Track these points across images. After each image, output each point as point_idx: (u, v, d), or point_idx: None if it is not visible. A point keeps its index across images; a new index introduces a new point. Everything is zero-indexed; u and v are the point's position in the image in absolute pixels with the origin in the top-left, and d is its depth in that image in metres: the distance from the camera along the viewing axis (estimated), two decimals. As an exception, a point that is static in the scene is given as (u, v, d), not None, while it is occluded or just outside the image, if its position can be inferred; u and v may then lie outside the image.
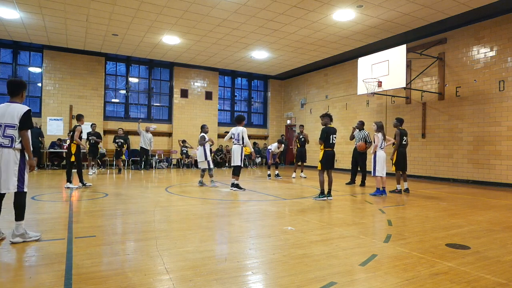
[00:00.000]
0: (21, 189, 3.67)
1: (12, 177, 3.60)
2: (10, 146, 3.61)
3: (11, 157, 3.62)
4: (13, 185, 3.62)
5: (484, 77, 9.96)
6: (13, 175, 3.61)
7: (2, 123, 3.62)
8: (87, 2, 9.19)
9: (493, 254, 3.50)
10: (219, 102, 17.65)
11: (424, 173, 11.47)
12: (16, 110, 3.66)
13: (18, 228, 3.62)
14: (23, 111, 3.67)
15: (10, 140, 3.61)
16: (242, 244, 3.78)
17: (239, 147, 8.11)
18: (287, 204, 6.44)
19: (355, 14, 9.66)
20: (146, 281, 2.68)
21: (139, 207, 5.85)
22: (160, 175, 11.85)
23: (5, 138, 3.60)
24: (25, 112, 3.67)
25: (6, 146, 3.60)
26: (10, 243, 3.57)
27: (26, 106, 3.74)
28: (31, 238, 3.67)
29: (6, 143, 3.60)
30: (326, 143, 6.84)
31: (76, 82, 14.13)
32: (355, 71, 12.60)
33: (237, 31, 11.27)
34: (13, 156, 3.63)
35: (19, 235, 3.61)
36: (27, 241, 3.62)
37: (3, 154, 3.60)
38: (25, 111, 3.68)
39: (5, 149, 3.60)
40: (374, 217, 5.46)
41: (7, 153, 3.61)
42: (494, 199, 7.37)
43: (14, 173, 3.62)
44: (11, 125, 3.62)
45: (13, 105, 3.70)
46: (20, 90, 3.81)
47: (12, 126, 3.62)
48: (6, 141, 3.60)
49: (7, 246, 3.53)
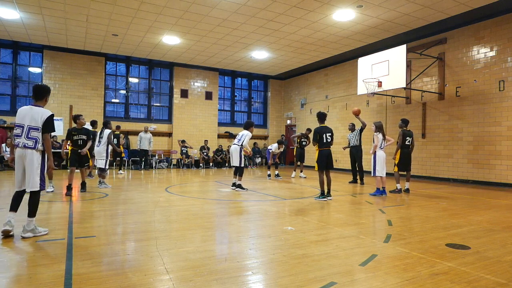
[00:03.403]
0: (43, 187, 3.94)
1: (36, 177, 3.83)
2: (34, 147, 3.82)
3: (35, 158, 3.83)
4: (37, 184, 3.86)
5: (484, 77, 9.96)
6: (36, 174, 3.84)
7: (24, 124, 3.82)
8: (87, 2, 9.19)
9: (493, 254, 3.49)
10: (219, 102, 17.65)
11: (424, 173, 11.46)
12: (40, 113, 3.86)
13: (30, 224, 3.83)
14: (47, 115, 3.88)
15: (34, 142, 3.82)
16: (242, 244, 3.78)
17: (238, 147, 8.11)
18: (287, 204, 6.43)
19: (355, 14, 9.66)
20: (146, 281, 2.68)
21: (139, 207, 5.85)
22: (160, 175, 11.85)
23: (29, 140, 3.81)
24: (49, 116, 3.88)
25: (30, 147, 3.81)
26: (21, 237, 3.76)
27: (49, 111, 3.96)
28: (41, 233, 3.89)
29: (30, 145, 3.81)
30: (320, 143, 6.84)
31: (76, 82, 14.13)
32: (355, 71, 12.60)
33: (237, 31, 11.27)
34: (36, 157, 3.84)
35: (30, 230, 3.82)
36: (37, 235, 3.84)
37: (27, 155, 3.81)
38: (49, 115, 3.89)
39: (29, 150, 3.82)
40: (374, 217, 5.46)
41: (31, 154, 3.81)
42: (494, 199, 7.37)
43: (37, 172, 3.85)
44: (35, 128, 3.83)
45: (36, 109, 3.89)
46: (44, 95, 4.02)
47: (36, 128, 3.83)
48: (30, 142, 3.81)
49: (7, 246, 3.53)
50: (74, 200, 6.44)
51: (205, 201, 6.76)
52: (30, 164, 3.80)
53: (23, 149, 3.80)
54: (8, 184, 8.60)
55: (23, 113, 3.85)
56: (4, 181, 9.11)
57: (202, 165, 15.69)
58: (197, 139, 16.39)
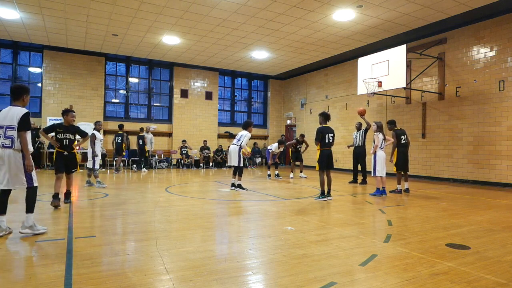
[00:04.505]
0: (30, 184, 3.95)
1: (19, 175, 3.88)
2: (10, 146, 3.86)
3: (15, 157, 3.86)
4: (21, 182, 3.90)
5: (484, 77, 9.96)
6: (20, 173, 3.88)
7: (3, 125, 3.87)
8: (87, 2, 9.19)
9: (493, 254, 3.49)
10: (219, 102, 17.64)
11: (424, 173, 11.46)
12: (16, 112, 3.90)
13: (28, 220, 3.89)
14: (22, 113, 3.90)
15: (10, 141, 3.86)
16: (242, 244, 3.78)
17: (237, 147, 8.11)
18: (287, 204, 6.43)
19: (355, 14, 9.66)
20: (146, 281, 2.68)
21: (139, 207, 5.85)
22: (160, 175, 11.85)
23: (6, 139, 3.86)
24: (24, 114, 3.90)
25: (7, 146, 3.86)
26: (20, 234, 3.82)
27: (25, 109, 3.99)
28: (39, 231, 3.94)
29: (7, 144, 3.87)
30: (322, 143, 6.85)
31: (76, 82, 14.12)
32: (355, 71, 12.60)
33: (237, 31, 11.27)
34: (16, 156, 3.87)
35: (29, 227, 3.88)
36: (35, 233, 3.89)
37: (5, 155, 3.85)
38: (24, 113, 3.90)
39: (6, 149, 3.86)
40: (374, 217, 5.46)
41: (9, 153, 3.85)
42: (494, 199, 7.37)
43: (21, 171, 3.88)
44: (11, 127, 3.87)
45: (14, 108, 3.96)
46: (20, 94, 4.05)
47: (12, 127, 3.87)
48: (7, 141, 3.86)
49: (7, 246, 3.53)
50: (74, 200, 6.43)
51: (205, 201, 6.76)
52: (11, 164, 3.84)
53: (1, 149, 3.85)
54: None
55: (3, 114, 3.92)
56: None
57: (202, 165, 15.69)
58: (197, 139, 16.39)
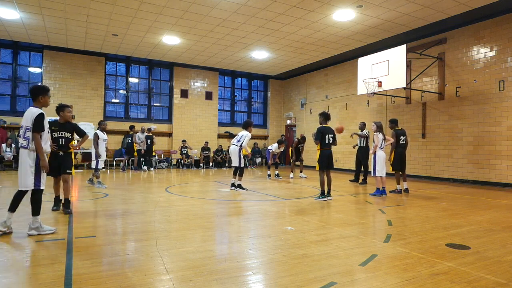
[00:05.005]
0: (37, 186, 3.94)
1: (29, 176, 3.88)
2: (26, 147, 3.92)
3: (28, 157, 3.90)
4: (31, 183, 3.90)
5: (484, 77, 9.96)
6: (30, 173, 3.90)
7: (23, 125, 3.95)
8: (87, 2, 9.19)
9: (493, 254, 3.49)
10: (219, 102, 17.64)
11: (424, 173, 11.46)
12: (31, 113, 3.95)
13: (34, 222, 3.90)
14: (36, 113, 3.94)
15: (26, 141, 3.91)
16: (242, 244, 3.78)
17: (237, 148, 8.11)
18: (287, 204, 6.43)
19: (355, 14, 9.66)
20: (146, 281, 2.68)
21: (139, 207, 5.85)
22: (160, 175, 11.85)
23: (24, 140, 3.92)
24: (37, 115, 3.93)
25: (24, 147, 3.93)
26: (27, 235, 3.82)
27: (40, 110, 4.02)
28: (45, 232, 3.94)
29: (24, 144, 3.93)
30: (322, 143, 6.85)
31: (76, 82, 14.12)
32: (355, 71, 12.60)
33: (237, 31, 11.27)
34: (30, 156, 3.90)
35: (35, 228, 3.89)
36: (41, 234, 3.89)
37: (22, 155, 3.92)
38: (37, 114, 3.93)
39: (22, 149, 3.94)
40: (374, 217, 5.46)
41: (23, 153, 3.92)
42: (494, 199, 7.37)
43: (31, 171, 3.90)
44: (28, 128, 3.93)
45: (31, 109, 4.02)
46: (36, 95, 4.08)
47: (28, 128, 3.92)
48: (24, 142, 3.94)
49: (7, 246, 3.53)
50: (74, 200, 6.44)
51: (205, 201, 6.76)
52: (22, 164, 3.90)
53: (21, 149, 3.95)
54: (8, 184, 8.60)
55: (24, 115, 3.99)
56: (4, 181, 9.11)
57: (202, 165, 15.70)
58: (197, 139, 16.39)
